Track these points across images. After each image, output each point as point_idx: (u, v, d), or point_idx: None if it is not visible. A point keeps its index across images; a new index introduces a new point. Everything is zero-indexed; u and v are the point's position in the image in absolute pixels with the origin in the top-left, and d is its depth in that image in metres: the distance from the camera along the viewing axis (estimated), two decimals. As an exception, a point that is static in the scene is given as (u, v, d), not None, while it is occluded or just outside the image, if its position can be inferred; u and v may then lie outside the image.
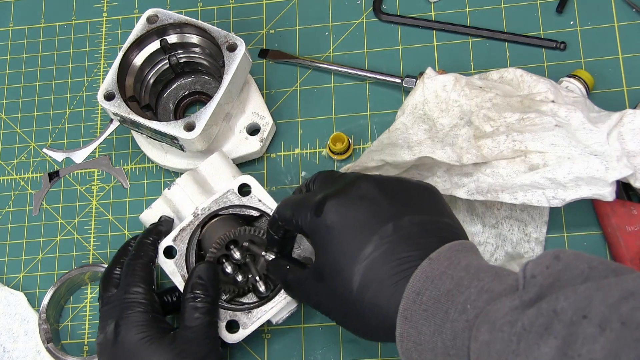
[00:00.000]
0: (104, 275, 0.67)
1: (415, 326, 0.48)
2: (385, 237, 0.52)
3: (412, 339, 0.49)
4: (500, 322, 0.44)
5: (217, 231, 0.68)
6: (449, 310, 0.47)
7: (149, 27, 0.76)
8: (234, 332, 0.67)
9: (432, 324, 0.48)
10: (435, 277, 0.49)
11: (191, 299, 0.63)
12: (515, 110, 0.67)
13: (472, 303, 0.46)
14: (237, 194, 0.70)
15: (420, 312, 0.48)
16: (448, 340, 0.47)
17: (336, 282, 0.53)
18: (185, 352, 0.61)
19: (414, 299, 0.49)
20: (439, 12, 0.84)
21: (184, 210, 0.71)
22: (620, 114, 0.65)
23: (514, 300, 0.45)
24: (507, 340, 0.43)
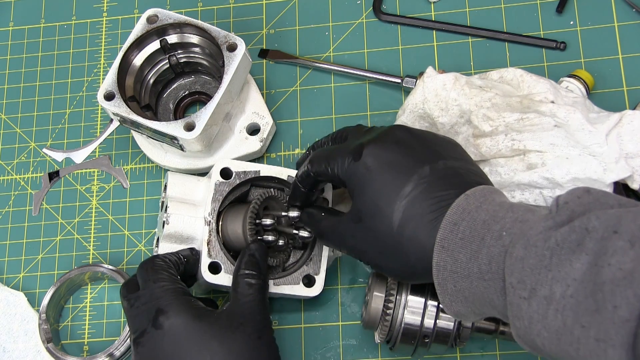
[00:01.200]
0: (126, 282, 0.64)
1: (452, 254, 0.51)
2: (423, 177, 0.54)
3: (448, 268, 0.51)
4: (534, 238, 0.46)
5: (231, 222, 0.68)
6: (485, 237, 0.49)
7: (149, 27, 0.76)
8: (312, 285, 0.69)
9: (469, 251, 0.50)
10: (472, 210, 0.51)
11: (245, 275, 0.62)
12: (515, 110, 0.67)
13: (508, 230, 0.49)
14: (224, 181, 0.69)
15: (457, 240, 0.51)
16: (484, 264, 0.49)
17: (376, 220, 0.55)
18: (243, 326, 0.60)
19: (451, 229, 0.51)
20: (439, 12, 0.84)
21: (194, 230, 0.69)
22: (620, 115, 0.65)
23: (547, 220, 0.47)
24: (540, 255, 0.45)
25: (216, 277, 0.66)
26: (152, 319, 0.59)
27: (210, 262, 0.66)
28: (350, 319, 0.74)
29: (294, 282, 0.69)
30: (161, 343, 0.59)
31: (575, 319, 0.43)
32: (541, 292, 0.45)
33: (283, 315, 0.76)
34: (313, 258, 0.70)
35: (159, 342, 0.59)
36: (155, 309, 0.60)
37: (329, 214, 0.63)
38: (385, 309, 0.65)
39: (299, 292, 0.69)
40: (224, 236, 0.69)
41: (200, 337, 0.58)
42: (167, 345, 0.59)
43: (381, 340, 0.67)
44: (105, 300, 0.79)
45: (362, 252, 0.58)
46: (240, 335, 0.59)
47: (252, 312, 0.61)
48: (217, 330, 0.59)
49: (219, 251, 0.67)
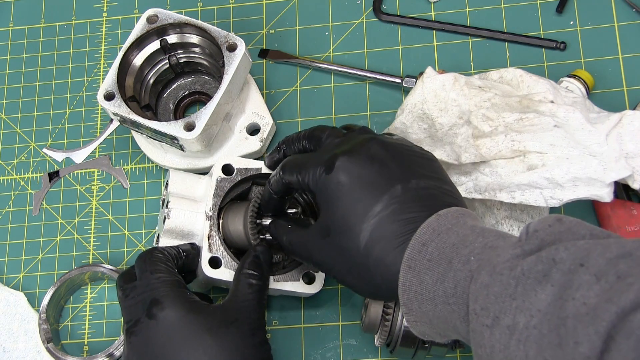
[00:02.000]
0: (123, 272, 0.64)
1: (418, 275, 0.50)
2: (394, 197, 0.53)
3: (413, 289, 0.50)
4: (501, 266, 0.45)
5: (232, 219, 0.68)
6: (452, 261, 0.49)
7: (149, 27, 0.76)
8: (312, 283, 0.70)
9: (435, 273, 0.49)
10: (442, 232, 0.50)
11: (247, 274, 0.62)
12: (514, 110, 0.67)
13: (476, 255, 0.48)
14: (226, 177, 0.69)
15: (424, 261, 0.50)
16: (449, 288, 0.48)
17: (343, 238, 0.54)
18: (238, 322, 0.59)
19: (419, 249, 0.50)
20: (439, 12, 0.84)
21: (195, 225, 0.69)
22: (620, 115, 0.65)
23: (515, 248, 0.46)
24: (505, 284, 0.45)
25: (216, 272, 0.66)
26: (147, 309, 0.59)
27: (211, 256, 0.67)
28: (350, 319, 0.74)
29: (294, 279, 0.69)
30: (154, 333, 0.58)
31: (538, 352, 0.42)
32: (504, 321, 0.44)
33: (283, 315, 0.76)
34: None
35: (152, 332, 0.59)
36: (150, 299, 0.59)
37: (297, 225, 0.62)
38: (385, 314, 0.65)
39: (299, 289, 0.69)
40: (225, 233, 0.69)
41: (194, 330, 0.58)
42: (160, 336, 0.58)
43: (381, 343, 0.67)
44: (105, 300, 0.79)
45: (329, 268, 0.57)
46: (233, 330, 0.59)
47: (248, 310, 0.61)
48: (211, 323, 0.59)
49: (219, 246, 0.67)
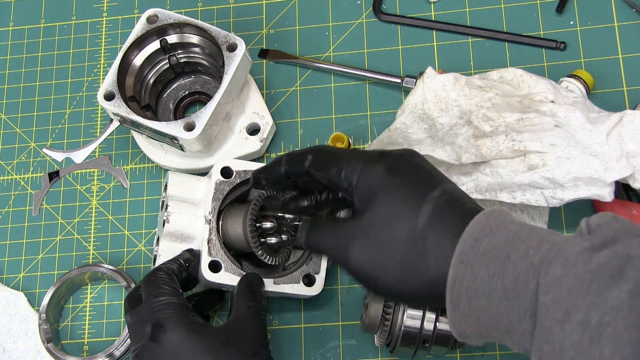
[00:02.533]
0: (130, 294, 0.64)
1: (471, 270, 0.48)
2: (446, 190, 0.54)
3: (465, 284, 0.49)
4: (574, 258, 0.44)
5: (232, 222, 0.68)
6: (510, 255, 0.47)
7: (149, 27, 0.76)
8: (312, 285, 0.69)
9: (492, 268, 0.48)
10: (493, 228, 0.49)
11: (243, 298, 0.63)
12: (515, 110, 0.67)
13: (535, 250, 0.47)
14: (225, 180, 0.69)
15: (478, 256, 0.48)
16: (509, 282, 0.47)
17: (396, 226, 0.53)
18: (238, 342, 0.60)
19: (472, 244, 0.49)
20: (439, 12, 0.84)
21: (194, 229, 0.69)
22: (620, 115, 0.65)
23: (584, 241, 0.45)
24: (580, 277, 0.43)
25: (216, 276, 0.66)
26: (150, 332, 0.60)
27: (211, 260, 0.67)
28: (350, 319, 0.74)
29: (294, 281, 0.69)
30: (157, 357, 0.59)
31: (614, 350, 0.41)
32: (576, 317, 0.43)
33: (283, 315, 0.76)
34: (313, 257, 0.70)
35: (155, 355, 0.59)
36: (153, 322, 0.60)
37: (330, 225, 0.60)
38: (385, 314, 0.65)
39: (300, 291, 0.69)
40: (225, 235, 0.69)
41: (196, 352, 0.59)
42: (163, 358, 0.59)
43: (381, 343, 0.67)
44: (105, 300, 0.79)
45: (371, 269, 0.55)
46: (234, 351, 0.59)
47: (249, 331, 0.61)
48: (213, 345, 0.59)
49: (219, 250, 0.67)
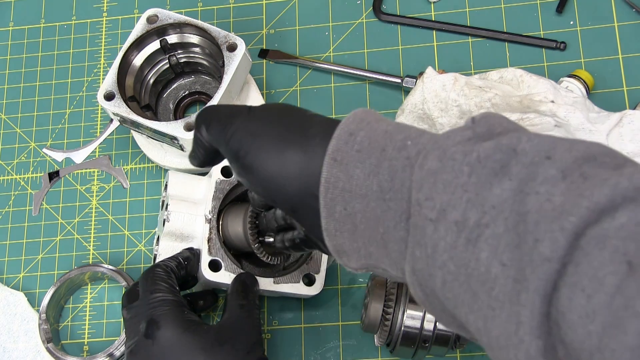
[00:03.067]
0: (127, 291, 0.65)
1: (345, 169, 0.42)
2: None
3: (340, 185, 0.43)
4: (452, 150, 0.39)
5: (232, 221, 0.68)
6: (386, 148, 0.42)
7: (149, 27, 0.76)
8: (312, 284, 0.70)
9: (367, 165, 0.42)
10: (372, 120, 0.44)
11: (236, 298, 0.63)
12: (515, 111, 0.67)
13: (413, 140, 0.41)
14: (225, 180, 0.69)
15: (352, 152, 0.42)
16: (385, 181, 0.41)
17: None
18: (232, 340, 0.60)
19: (346, 139, 0.43)
20: (439, 12, 0.84)
21: (194, 228, 0.69)
22: (620, 115, 0.65)
23: (465, 130, 0.40)
24: (457, 170, 0.38)
25: (216, 275, 0.66)
26: (145, 329, 0.60)
27: (211, 259, 0.67)
28: (350, 319, 0.74)
29: (295, 280, 0.69)
30: (151, 353, 0.59)
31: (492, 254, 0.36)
32: (452, 216, 0.37)
33: (283, 315, 0.76)
34: (313, 257, 0.70)
35: (149, 352, 0.59)
36: (148, 319, 0.60)
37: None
38: (385, 314, 0.65)
39: (300, 291, 0.69)
40: (225, 235, 0.69)
41: (188, 349, 0.59)
42: (156, 355, 0.59)
43: (381, 343, 0.67)
44: (105, 300, 0.79)
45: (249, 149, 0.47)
46: (227, 349, 0.59)
47: (243, 329, 0.61)
48: (206, 343, 0.59)
49: (219, 249, 0.67)
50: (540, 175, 0.36)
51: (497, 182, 0.37)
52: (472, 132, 0.40)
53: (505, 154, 0.37)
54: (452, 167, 0.38)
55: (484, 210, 0.36)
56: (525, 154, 0.37)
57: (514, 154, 0.37)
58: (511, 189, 0.36)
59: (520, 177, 0.36)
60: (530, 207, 0.35)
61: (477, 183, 0.37)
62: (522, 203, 0.35)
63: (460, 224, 0.37)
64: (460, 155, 0.38)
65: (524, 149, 0.37)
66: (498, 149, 0.37)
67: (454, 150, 0.39)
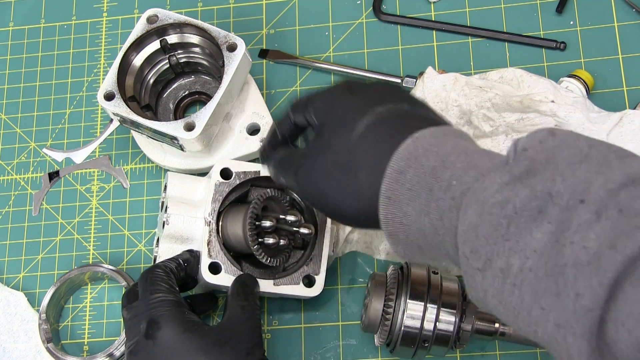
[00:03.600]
0: (127, 291, 0.65)
1: (400, 207, 0.45)
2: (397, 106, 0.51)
3: (397, 220, 0.46)
4: (490, 202, 0.40)
5: (232, 223, 0.68)
6: (433, 188, 0.44)
7: (149, 27, 0.76)
8: (312, 285, 0.69)
9: (417, 204, 0.45)
10: (420, 155, 0.45)
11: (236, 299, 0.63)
12: (515, 110, 0.67)
13: (458, 179, 0.43)
14: (224, 182, 0.69)
15: (404, 191, 0.45)
16: (435, 220, 0.44)
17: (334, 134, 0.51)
18: (232, 341, 0.60)
19: (396, 178, 0.45)
20: (439, 12, 0.84)
21: (194, 230, 0.69)
22: (620, 115, 0.65)
23: (503, 175, 0.41)
24: (496, 224, 0.40)
25: (216, 278, 0.66)
26: (145, 329, 0.60)
27: (211, 262, 0.67)
28: (350, 319, 0.74)
29: (294, 282, 0.69)
30: (151, 354, 0.59)
31: (534, 299, 0.39)
32: (497, 264, 0.40)
33: (283, 316, 0.76)
34: (313, 258, 0.70)
35: (149, 352, 0.59)
36: (148, 319, 0.60)
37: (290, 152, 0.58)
38: (385, 313, 0.65)
39: (299, 292, 0.69)
40: (224, 237, 0.69)
41: (188, 350, 0.59)
42: (156, 356, 0.59)
43: (381, 343, 0.67)
44: (105, 300, 0.79)
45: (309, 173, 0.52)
46: (228, 350, 0.59)
47: (243, 330, 0.61)
48: (206, 343, 0.59)
49: (219, 251, 0.67)
50: (574, 222, 0.37)
51: (537, 226, 0.39)
52: (509, 175, 0.41)
53: (541, 200, 0.39)
54: (491, 222, 0.40)
55: (527, 256, 0.39)
56: (560, 196, 0.38)
57: (550, 197, 0.39)
58: (550, 232, 0.38)
59: (559, 220, 0.38)
60: (566, 260, 0.37)
61: (517, 232, 0.39)
62: (559, 254, 0.37)
63: (505, 270, 0.40)
64: (497, 209, 0.40)
65: (559, 191, 0.38)
66: (534, 196, 0.39)
67: (492, 203, 0.40)
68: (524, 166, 0.41)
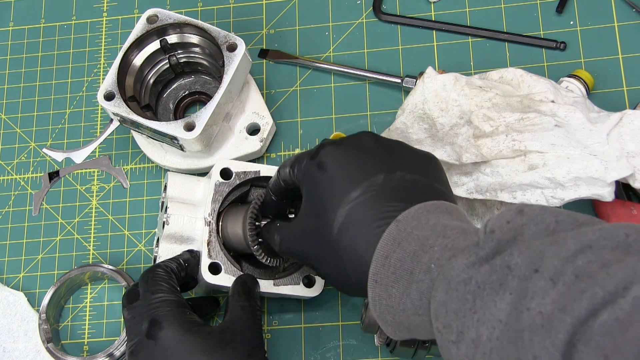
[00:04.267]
0: (127, 291, 0.65)
1: (385, 289, 0.48)
2: (374, 185, 0.51)
3: (384, 302, 0.49)
4: (455, 280, 0.44)
5: (232, 223, 0.68)
6: (414, 271, 0.47)
7: (149, 27, 0.76)
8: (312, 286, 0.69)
9: (400, 286, 0.47)
10: (402, 240, 0.48)
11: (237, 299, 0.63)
12: (515, 110, 0.67)
13: (436, 262, 0.46)
14: (224, 182, 0.69)
15: (388, 275, 0.48)
16: (415, 300, 0.47)
17: (320, 223, 0.53)
18: (234, 342, 0.60)
19: (382, 262, 0.48)
20: (439, 12, 0.84)
21: (194, 230, 0.69)
22: (620, 114, 0.65)
23: (470, 256, 0.44)
24: (462, 299, 0.43)
25: (216, 278, 0.66)
26: (146, 329, 0.60)
27: (211, 262, 0.67)
28: (350, 319, 0.74)
29: (294, 282, 0.69)
30: (153, 354, 0.59)
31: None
32: (468, 335, 0.43)
33: (283, 316, 0.76)
34: None
35: (151, 352, 0.59)
36: (150, 319, 0.60)
37: (284, 221, 0.62)
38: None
39: (299, 293, 0.69)
40: (224, 237, 0.69)
41: (190, 350, 0.59)
42: (158, 356, 0.59)
43: (381, 343, 0.67)
44: (105, 300, 0.79)
45: (307, 256, 0.56)
46: (229, 351, 0.59)
47: (244, 331, 0.62)
48: (208, 344, 0.59)
49: (219, 251, 0.67)
50: (530, 290, 0.40)
51: (499, 298, 0.41)
52: (475, 257, 0.44)
53: (500, 274, 0.42)
54: (458, 297, 0.43)
55: (493, 326, 0.41)
56: (518, 267, 0.41)
57: (509, 270, 0.41)
58: (511, 302, 0.41)
59: (518, 291, 0.41)
60: (524, 325, 0.39)
61: (482, 304, 0.42)
62: (518, 320, 0.40)
63: (476, 340, 0.42)
64: (462, 285, 0.43)
65: (517, 263, 0.41)
66: (493, 270, 0.42)
67: (457, 281, 0.44)
68: (489, 248, 0.44)
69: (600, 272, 0.38)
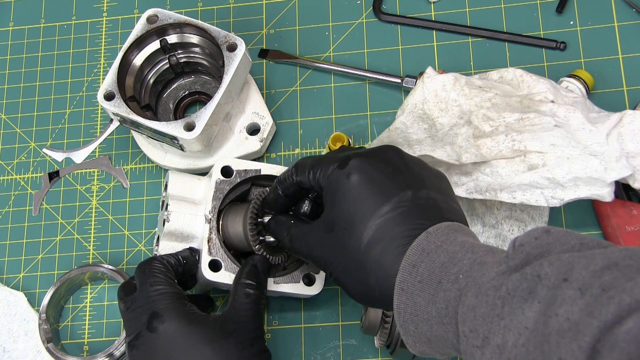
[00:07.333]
0: (123, 283, 0.65)
1: (411, 297, 0.50)
2: (403, 201, 0.53)
3: (408, 311, 0.50)
4: (486, 286, 0.45)
5: (232, 221, 0.68)
6: (442, 281, 0.48)
7: (149, 27, 0.76)
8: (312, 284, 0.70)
9: (427, 294, 0.49)
10: (431, 251, 0.50)
11: (244, 284, 0.63)
12: (515, 110, 0.67)
13: (465, 273, 0.48)
14: (225, 180, 0.69)
15: (415, 283, 0.50)
16: (441, 308, 0.48)
17: (346, 234, 0.54)
18: (236, 333, 0.60)
19: (409, 271, 0.50)
20: (439, 12, 0.84)
21: (194, 228, 0.69)
22: (620, 115, 0.65)
23: (500, 265, 0.46)
24: (491, 304, 0.44)
25: (216, 275, 0.66)
26: (147, 322, 0.60)
27: (211, 259, 0.67)
28: (350, 319, 0.74)
29: (294, 280, 0.69)
30: (155, 346, 0.59)
31: None
32: (494, 341, 0.44)
33: (283, 315, 0.76)
34: None
35: (153, 345, 0.59)
36: (150, 312, 0.60)
37: (299, 221, 0.62)
38: (385, 316, 0.65)
39: (300, 291, 0.69)
40: (225, 235, 0.69)
41: (193, 342, 0.59)
42: (160, 349, 0.59)
43: (381, 345, 0.67)
44: (105, 300, 0.79)
45: (327, 264, 0.56)
46: (232, 341, 0.60)
47: (247, 321, 0.62)
48: (210, 335, 0.59)
49: (219, 249, 0.67)
50: (559, 297, 0.41)
51: (528, 306, 0.43)
52: (506, 266, 0.45)
53: (530, 282, 0.43)
54: (487, 302, 0.44)
55: (520, 332, 0.42)
56: (548, 277, 0.43)
57: (538, 279, 0.43)
58: (540, 310, 0.42)
59: (547, 299, 0.42)
60: (551, 329, 0.41)
61: (511, 311, 0.43)
62: (545, 325, 0.41)
63: (502, 346, 0.43)
64: (492, 291, 0.45)
65: (547, 273, 0.43)
66: (524, 278, 0.44)
67: (487, 287, 0.45)
68: (519, 259, 0.45)
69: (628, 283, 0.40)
